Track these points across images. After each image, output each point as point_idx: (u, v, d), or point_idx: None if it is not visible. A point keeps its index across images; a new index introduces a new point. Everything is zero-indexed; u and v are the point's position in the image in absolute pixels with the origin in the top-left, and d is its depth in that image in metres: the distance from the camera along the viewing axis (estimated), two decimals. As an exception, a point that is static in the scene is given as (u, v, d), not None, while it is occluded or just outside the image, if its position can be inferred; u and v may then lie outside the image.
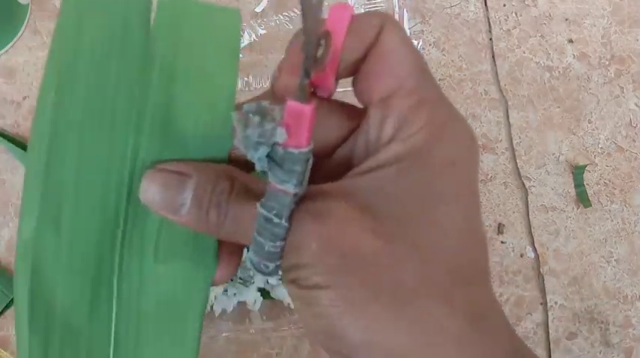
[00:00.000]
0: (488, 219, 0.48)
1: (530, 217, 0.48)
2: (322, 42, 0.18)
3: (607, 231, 0.48)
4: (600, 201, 0.48)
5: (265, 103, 0.18)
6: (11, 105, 0.48)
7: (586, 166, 0.48)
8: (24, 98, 0.48)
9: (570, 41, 0.51)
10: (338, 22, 0.19)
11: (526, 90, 0.49)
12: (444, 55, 0.50)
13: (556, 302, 0.47)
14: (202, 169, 0.20)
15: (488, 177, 0.48)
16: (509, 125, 0.49)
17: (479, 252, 0.19)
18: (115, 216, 0.21)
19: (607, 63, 0.50)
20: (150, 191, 0.20)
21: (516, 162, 0.48)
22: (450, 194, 0.19)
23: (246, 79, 0.46)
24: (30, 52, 0.48)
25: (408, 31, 0.46)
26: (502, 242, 0.48)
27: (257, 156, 0.18)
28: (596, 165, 0.49)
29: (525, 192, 0.48)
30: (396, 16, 0.46)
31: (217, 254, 0.21)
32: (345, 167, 0.20)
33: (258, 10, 0.49)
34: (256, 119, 0.17)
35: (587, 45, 0.51)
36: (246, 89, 0.46)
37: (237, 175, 0.20)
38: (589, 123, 0.49)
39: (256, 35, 0.48)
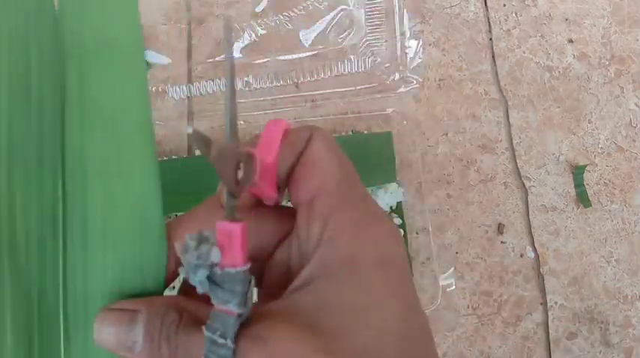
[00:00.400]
0: (488, 219, 0.48)
1: (530, 217, 0.48)
2: (241, 165, 0.18)
3: (607, 231, 0.48)
4: (600, 201, 0.48)
5: (206, 232, 0.18)
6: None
7: (586, 166, 0.48)
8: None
9: (570, 41, 0.51)
10: (273, 134, 0.21)
11: (526, 91, 0.49)
12: (444, 55, 0.50)
13: (556, 302, 0.47)
14: (152, 302, 0.20)
15: (489, 177, 0.48)
16: (509, 125, 0.49)
17: (422, 347, 0.19)
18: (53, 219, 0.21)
19: (607, 63, 0.50)
20: (103, 332, 0.20)
21: (516, 162, 0.48)
22: (383, 295, 0.19)
23: (246, 78, 0.46)
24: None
25: (407, 31, 0.46)
26: (502, 242, 0.48)
27: (197, 279, 0.18)
28: (596, 165, 0.49)
29: (525, 192, 0.48)
30: (396, 16, 0.46)
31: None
32: (285, 269, 0.21)
33: (258, 10, 0.49)
34: (193, 243, 0.18)
35: (587, 45, 0.51)
36: (246, 89, 0.46)
37: (187, 305, 0.20)
38: (589, 123, 0.49)
39: (256, 35, 0.48)
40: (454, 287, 0.45)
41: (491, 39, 0.50)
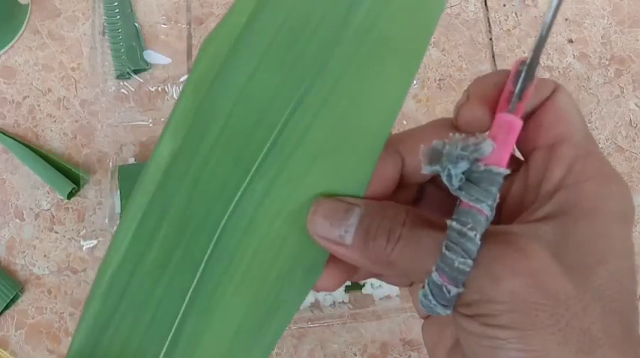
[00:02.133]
0: (488, 219, 0.48)
1: (530, 217, 0.48)
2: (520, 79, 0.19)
3: (607, 231, 0.48)
4: (600, 201, 0.48)
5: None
6: (11, 105, 0.48)
7: (586, 166, 0.48)
8: (24, 98, 0.48)
9: (570, 41, 0.51)
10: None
11: (526, 91, 0.49)
12: (444, 55, 0.50)
13: (556, 302, 0.47)
14: (371, 201, 0.20)
15: (488, 177, 0.48)
16: (509, 125, 0.49)
17: (636, 310, 0.19)
18: (257, 150, 0.21)
19: (607, 63, 0.50)
20: (316, 215, 0.20)
21: (516, 162, 0.48)
22: (622, 249, 0.19)
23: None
24: (30, 52, 0.48)
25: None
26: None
27: (455, 172, 0.18)
28: (596, 165, 0.49)
29: (525, 192, 0.48)
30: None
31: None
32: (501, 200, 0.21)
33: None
34: (459, 135, 0.18)
35: (587, 45, 0.51)
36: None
37: (409, 209, 0.20)
38: (589, 123, 0.49)
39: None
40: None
41: (491, 39, 0.50)
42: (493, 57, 0.50)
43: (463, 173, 0.18)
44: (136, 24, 0.48)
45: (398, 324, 0.44)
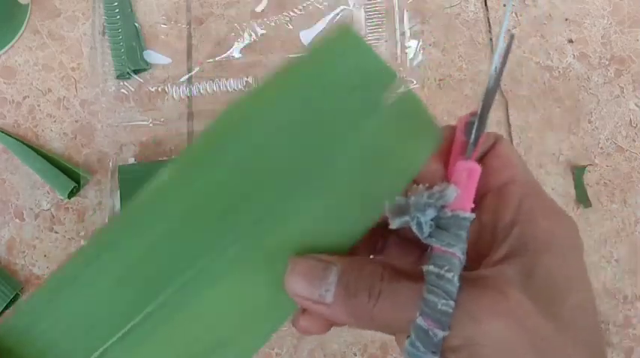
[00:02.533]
0: (488, 219, 0.48)
1: (530, 217, 0.48)
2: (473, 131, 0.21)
3: (607, 231, 0.48)
4: (600, 201, 0.48)
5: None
6: (11, 105, 0.48)
7: (586, 166, 0.48)
8: (24, 98, 0.48)
9: (570, 41, 0.51)
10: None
11: (526, 91, 0.49)
12: (444, 55, 0.50)
13: (556, 302, 0.47)
14: (347, 258, 0.21)
15: (488, 177, 0.48)
16: (509, 125, 0.49)
17: (602, 337, 0.20)
18: (230, 230, 0.21)
19: (607, 63, 0.50)
20: (294, 275, 0.21)
21: (516, 162, 0.48)
22: (580, 279, 0.20)
23: (246, 79, 0.46)
24: (30, 52, 0.48)
25: (407, 31, 0.46)
26: (502, 242, 0.48)
27: (424, 220, 0.18)
28: (596, 165, 0.49)
29: (525, 192, 0.48)
30: (396, 16, 0.46)
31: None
32: None
33: (258, 10, 0.49)
34: (422, 186, 0.19)
35: (587, 45, 0.51)
36: (246, 89, 0.46)
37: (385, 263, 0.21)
38: (589, 123, 0.49)
39: (256, 35, 0.48)
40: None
41: (491, 39, 0.50)
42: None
43: (432, 220, 0.19)
44: (136, 24, 0.48)
45: (398, 324, 0.44)
